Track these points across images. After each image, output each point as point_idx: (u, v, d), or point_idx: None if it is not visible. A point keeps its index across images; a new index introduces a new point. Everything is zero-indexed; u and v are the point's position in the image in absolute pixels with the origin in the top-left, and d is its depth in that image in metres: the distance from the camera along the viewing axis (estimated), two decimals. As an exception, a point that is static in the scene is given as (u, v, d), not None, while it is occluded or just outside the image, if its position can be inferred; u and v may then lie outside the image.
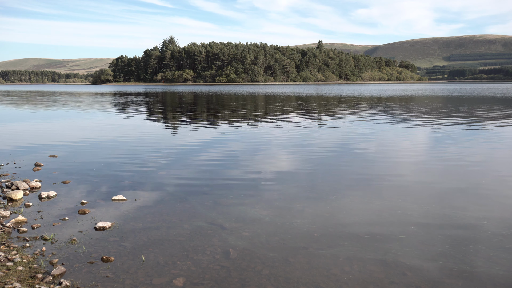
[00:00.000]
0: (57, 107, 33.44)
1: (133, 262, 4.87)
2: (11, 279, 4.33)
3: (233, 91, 75.45)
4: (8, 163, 10.21)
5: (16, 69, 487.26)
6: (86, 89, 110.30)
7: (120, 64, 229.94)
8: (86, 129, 17.87)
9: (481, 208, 6.70)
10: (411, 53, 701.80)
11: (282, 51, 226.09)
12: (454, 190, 7.76)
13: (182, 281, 4.44)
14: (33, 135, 15.78)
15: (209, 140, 14.28)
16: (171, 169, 9.60)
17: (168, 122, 21.15)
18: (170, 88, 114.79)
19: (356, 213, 6.50)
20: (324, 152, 11.70)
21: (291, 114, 25.06)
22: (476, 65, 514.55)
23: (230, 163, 10.29)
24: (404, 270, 4.67)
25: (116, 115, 25.69)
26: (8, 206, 6.87)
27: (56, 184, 8.25)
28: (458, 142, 13.55)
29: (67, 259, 4.90)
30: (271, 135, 15.27)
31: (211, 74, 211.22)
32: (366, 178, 8.69)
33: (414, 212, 6.51)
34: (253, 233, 5.70)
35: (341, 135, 15.25)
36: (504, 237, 5.53)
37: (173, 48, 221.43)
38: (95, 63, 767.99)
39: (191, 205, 6.95)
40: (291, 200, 7.19)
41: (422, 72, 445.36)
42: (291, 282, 4.42)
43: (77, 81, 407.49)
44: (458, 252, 5.10)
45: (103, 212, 6.59)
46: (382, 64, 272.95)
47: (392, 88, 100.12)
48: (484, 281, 4.43)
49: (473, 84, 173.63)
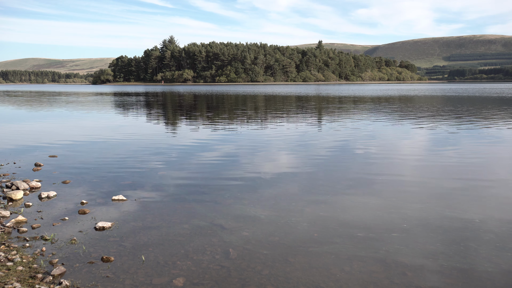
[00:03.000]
0: (57, 107, 33.44)
1: (133, 262, 4.87)
2: (11, 279, 4.32)
3: (233, 91, 75.45)
4: (8, 163, 10.21)
5: (16, 69, 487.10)
6: (86, 89, 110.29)
7: (120, 64, 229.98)
8: (86, 129, 17.87)
9: (481, 208, 6.70)
10: (411, 53, 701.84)
11: (282, 51, 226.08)
12: (454, 190, 7.76)
13: (182, 281, 4.44)
14: (33, 135, 15.78)
15: (209, 140, 14.28)
16: (171, 169, 9.60)
17: (168, 122, 21.14)
18: (170, 88, 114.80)
19: (356, 213, 6.50)
20: (324, 152, 11.69)
21: (291, 114, 25.06)
22: (476, 65, 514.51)
23: (230, 163, 10.28)
24: (404, 270, 4.67)
25: (116, 115, 25.69)
26: (8, 206, 6.87)
27: (56, 184, 8.24)
28: (458, 141, 13.55)
29: (67, 259, 4.90)
30: (271, 135, 15.27)
31: (211, 74, 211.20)
32: (366, 178, 8.69)
33: (414, 212, 6.52)
34: (253, 233, 5.70)
35: (341, 135, 15.25)
36: (504, 237, 5.53)
37: (173, 48, 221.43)
38: (95, 63, 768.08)
39: (191, 205, 6.95)
40: (291, 200, 7.19)
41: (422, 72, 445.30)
42: (291, 282, 4.42)
43: (77, 81, 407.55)
44: (458, 252, 5.10)
45: (103, 212, 6.59)
46: (382, 64, 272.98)
47: (392, 88, 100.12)
48: (484, 281, 4.43)
49: (473, 84, 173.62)
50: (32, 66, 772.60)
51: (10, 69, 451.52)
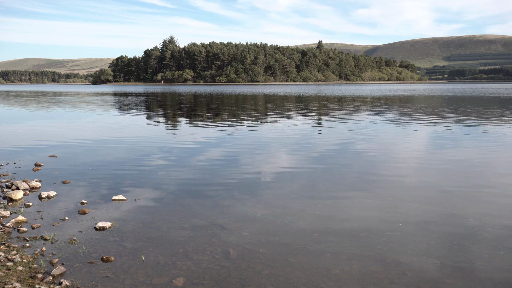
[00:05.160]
0: (57, 107, 33.44)
1: (133, 262, 4.87)
2: (11, 279, 4.33)
3: (233, 91, 75.44)
4: (8, 163, 10.21)
5: (16, 69, 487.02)
6: (86, 89, 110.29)
7: (120, 64, 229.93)
8: (86, 129, 17.87)
9: (481, 208, 6.71)
10: (411, 53, 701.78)
11: (282, 51, 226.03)
12: (454, 190, 7.76)
13: (182, 281, 4.44)
14: (33, 135, 15.78)
15: (209, 140, 14.28)
16: (171, 169, 9.60)
17: (168, 122, 21.14)
18: (170, 88, 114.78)
19: (356, 213, 6.50)
20: (324, 152, 11.70)
21: (291, 114, 25.06)
22: (476, 65, 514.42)
23: (230, 163, 10.29)
24: (404, 270, 4.67)
25: (116, 115, 25.69)
26: (8, 206, 6.87)
27: (56, 184, 8.25)
28: (458, 141, 13.55)
29: (67, 259, 4.90)
30: (271, 135, 15.27)
31: (211, 74, 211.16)
32: (366, 178, 8.69)
33: (414, 212, 6.52)
34: (253, 233, 5.70)
35: (341, 135, 15.25)
36: (504, 237, 5.53)
37: (173, 48, 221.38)
38: (95, 63, 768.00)
39: (191, 205, 6.95)
40: (291, 200, 7.19)
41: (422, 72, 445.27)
42: (291, 282, 4.42)
43: (77, 81, 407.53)
44: (458, 252, 5.10)
45: (103, 212, 6.59)
46: (382, 64, 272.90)
47: (392, 88, 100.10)
48: (484, 281, 4.43)
49: (472, 84, 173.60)
50: (32, 66, 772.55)
51: (10, 69, 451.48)
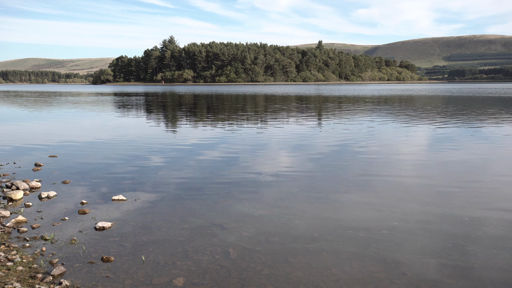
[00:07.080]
0: (57, 107, 33.44)
1: (133, 262, 4.87)
2: (11, 279, 4.32)
3: (233, 91, 75.43)
4: (8, 163, 10.21)
5: (16, 69, 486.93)
6: (86, 89, 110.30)
7: (120, 64, 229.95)
8: (86, 129, 17.87)
9: (481, 208, 6.70)
10: (411, 53, 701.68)
11: (282, 51, 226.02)
12: (454, 190, 7.76)
13: (182, 281, 4.44)
14: (34, 135, 15.78)
15: (209, 140, 14.28)
16: (171, 169, 9.60)
17: (168, 122, 21.14)
18: (170, 88, 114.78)
19: (356, 213, 6.50)
20: (324, 152, 11.69)
21: (291, 114, 25.06)
22: (476, 65, 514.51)
23: (230, 163, 10.28)
24: (404, 270, 4.67)
25: (116, 115, 25.69)
26: (8, 206, 6.87)
27: (56, 184, 8.25)
28: (457, 141, 13.55)
29: (67, 259, 4.90)
30: (271, 135, 15.27)
31: (211, 74, 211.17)
32: (366, 178, 8.69)
33: (414, 212, 6.52)
34: (253, 233, 5.70)
35: (341, 135, 15.25)
36: (504, 237, 5.53)
37: (173, 48, 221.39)
38: (95, 63, 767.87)
39: (191, 205, 6.95)
40: (291, 200, 7.19)
41: (422, 72, 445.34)
42: (291, 282, 4.42)
43: (77, 81, 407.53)
44: (458, 252, 5.10)
45: (103, 212, 6.59)
46: (382, 64, 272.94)
47: (392, 88, 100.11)
48: (484, 281, 4.43)
49: (472, 84, 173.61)
50: (32, 66, 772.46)
51: (10, 69, 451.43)
